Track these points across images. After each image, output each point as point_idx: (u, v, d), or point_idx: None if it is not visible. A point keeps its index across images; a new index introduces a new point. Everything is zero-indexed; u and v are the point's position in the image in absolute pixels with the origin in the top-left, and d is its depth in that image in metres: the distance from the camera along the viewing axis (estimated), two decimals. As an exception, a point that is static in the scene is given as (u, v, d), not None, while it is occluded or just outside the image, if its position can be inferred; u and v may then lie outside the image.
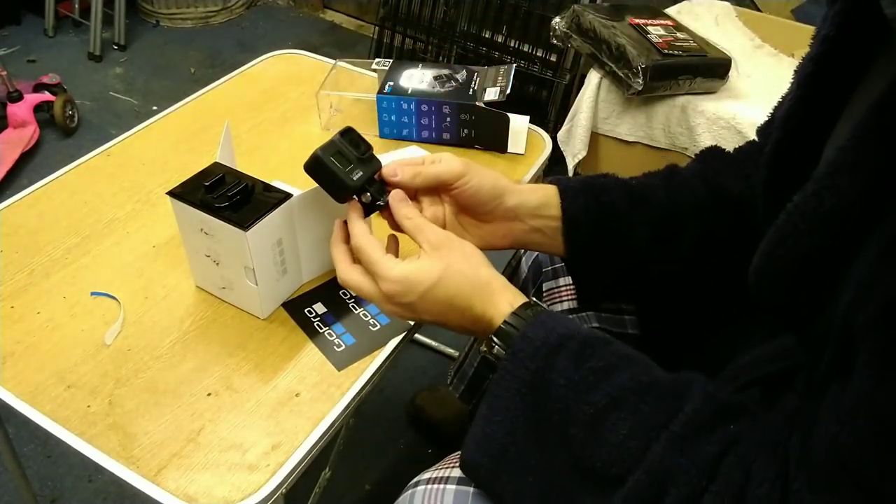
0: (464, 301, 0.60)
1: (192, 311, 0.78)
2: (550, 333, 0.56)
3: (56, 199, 0.92)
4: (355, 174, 0.65)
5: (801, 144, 0.57)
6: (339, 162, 0.65)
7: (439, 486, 0.63)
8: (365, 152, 0.66)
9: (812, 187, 0.48)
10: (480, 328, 0.61)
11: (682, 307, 0.79)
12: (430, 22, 2.23)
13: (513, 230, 0.70)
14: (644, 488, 0.49)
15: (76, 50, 2.57)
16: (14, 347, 0.73)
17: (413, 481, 0.66)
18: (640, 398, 0.52)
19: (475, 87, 1.02)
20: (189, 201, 0.71)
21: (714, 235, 0.72)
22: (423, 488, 0.64)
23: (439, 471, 0.65)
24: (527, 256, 0.93)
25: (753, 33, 1.85)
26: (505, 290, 0.61)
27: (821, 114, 0.55)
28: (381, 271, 0.60)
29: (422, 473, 0.66)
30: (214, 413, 0.68)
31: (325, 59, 1.24)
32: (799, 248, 0.49)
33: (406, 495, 0.64)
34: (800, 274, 0.50)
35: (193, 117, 1.08)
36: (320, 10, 2.95)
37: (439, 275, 0.59)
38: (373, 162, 0.67)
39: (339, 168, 0.64)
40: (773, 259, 0.52)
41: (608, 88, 1.69)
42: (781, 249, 0.50)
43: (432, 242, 0.61)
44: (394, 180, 0.66)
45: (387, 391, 1.46)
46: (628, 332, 0.84)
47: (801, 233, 0.48)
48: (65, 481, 1.27)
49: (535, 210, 0.69)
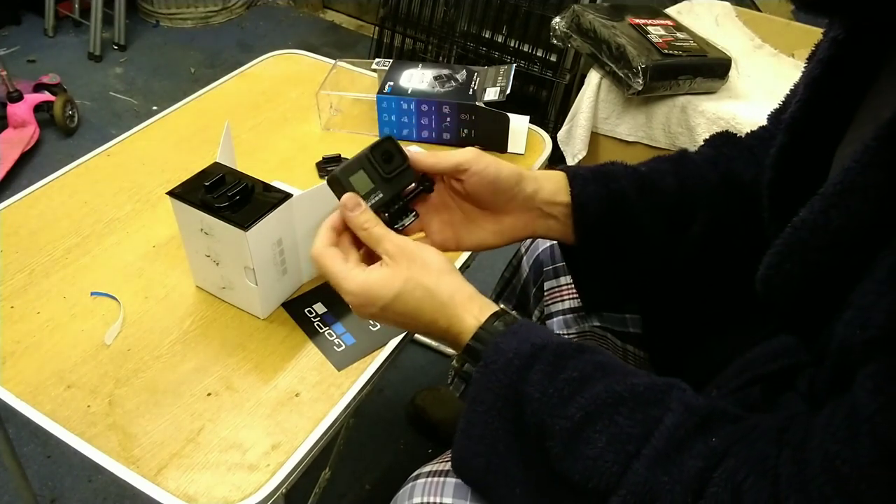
0: (427, 316, 0.57)
1: (192, 311, 0.78)
2: (523, 344, 0.54)
3: (56, 199, 0.92)
4: (373, 198, 0.62)
5: (807, 149, 0.56)
6: (358, 184, 0.61)
7: (440, 478, 0.63)
8: (395, 168, 0.63)
9: (819, 204, 0.47)
10: (450, 342, 0.59)
11: (685, 304, 0.79)
12: (430, 22, 2.23)
13: (533, 219, 0.68)
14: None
15: (76, 50, 2.57)
16: (14, 347, 0.73)
17: (413, 474, 0.66)
18: (616, 410, 0.50)
19: (475, 87, 1.02)
20: (189, 201, 0.71)
21: (726, 221, 0.70)
22: (424, 481, 0.64)
23: (440, 464, 0.65)
24: (528, 255, 0.93)
25: (753, 33, 1.85)
26: (470, 302, 0.57)
27: (829, 118, 0.54)
28: (340, 283, 0.58)
29: (422, 467, 0.66)
30: (214, 413, 0.68)
31: (325, 59, 1.24)
32: (806, 262, 0.49)
33: (406, 488, 0.64)
34: (807, 287, 0.50)
35: (193, 117, 1.08)
36: (320, 10, 2.95)
37: (399, 288, 0.57)
38: (403, 176, 0.63)
39: (354, 192, 0.61)
40: (780, 271, 0.51)
41: (608, 88, 1.69)
42: (788, 263, 0.50)
43: (390, 252, 0.58)
44: (418, 167, 0.64)
45: (387, 391, 1.46)
46: (630, 330, 0.83)
47: (809, 248, 0.48)
48: (65, 481, 1.27)
49: (552, 196, 0.67)
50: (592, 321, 0.86)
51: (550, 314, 0.90)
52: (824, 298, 0.49)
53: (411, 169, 0.64)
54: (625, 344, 0.85)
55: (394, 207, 0.63)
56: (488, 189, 0.65)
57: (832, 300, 0.48)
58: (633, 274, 0.73)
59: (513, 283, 0.97)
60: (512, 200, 0.66)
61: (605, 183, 0.68)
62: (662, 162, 0.73)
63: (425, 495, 0.62)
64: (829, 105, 0.54)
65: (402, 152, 0.63)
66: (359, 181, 0.62)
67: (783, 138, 0.58)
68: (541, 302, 0.91)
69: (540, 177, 0.68)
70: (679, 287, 0.76)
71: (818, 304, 0.50)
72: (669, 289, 0.77)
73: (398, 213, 0.64)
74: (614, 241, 0.69)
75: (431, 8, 2.22)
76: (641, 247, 0.70)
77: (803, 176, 0.55)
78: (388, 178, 0.62)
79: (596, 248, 0.70)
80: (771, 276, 0.52)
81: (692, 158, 0.73)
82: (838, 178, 0.46)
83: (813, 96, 0.55)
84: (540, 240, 0.91)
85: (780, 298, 0.54)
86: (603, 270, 0.72)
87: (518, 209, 0.67)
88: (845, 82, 0.53)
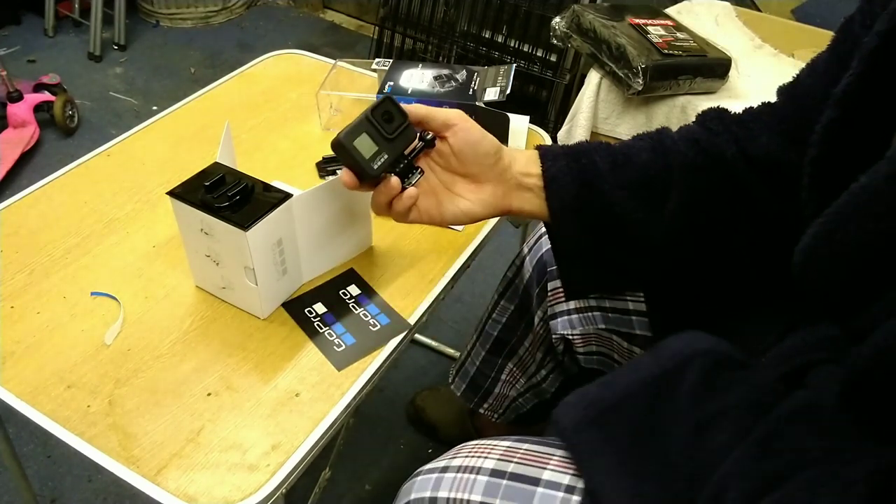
0: None
1: (192, 311, 0.78)
2: None
3: (56, 199, 0.92)
4: (379, 160, 0.63)
5: (861, 123, 0.54)
6: (362, 147, 0.63)
7: (470, 475, 0.62)
8: (397, 128, 0.64)
9: (886, 169, 0.45)
10: None
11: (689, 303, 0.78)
12: (430, 22, 2.23)
13: (510, 190, 0.70)
14: None
15: (76, 50, 2.56)
16: (14, 347, 0.73)
17: (414, 473, 0.66)
18: None
19: (475, 87, 1.02)
20: (189, 201, 0.71)
21: (700, 198, 0.69)
22: (422, 478, 0.64)
23: (440, 462, 0.65)
24: (531, 255, 0.93)
25: (753, 33, 1.85)
26: None
27: (886, 92, 0.52)
28: None
29: (421, 468, 0.66)
30: (214, 413, 0.68)
31: (325, 59, 1.24)
32: (863, 232, 0.47)
33: (432, 479, 0.64)
34: (857, 259, 0.48)
35: (193, 117, 1.08)
36: (320, 10, 2.95)
37: None
38: (405, 134, 0.65)
39: (360, 156, 0.63)
40: (831, 241, 0.49)
41: (608, 88, 1.69)
42: (841, 232, 0.48)
43: None
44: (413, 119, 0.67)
45: (387, 391, 1.45)
46: (636, 332, 0.83)
47: (868, 216, 0.46)
48: (65, 481, 1.27)
49: (525, 167, 0.70)
50: (598, 323, 0.86)
51: (554, 314, 0.89)
52: (873, 276, 0.47)
53: (412, 126, 0.66)
54: (631, 346, 0.84)
55: (399, 166, 0.65)
56: (471, 151, 0.67)
57: (881, 279, 0.46)
58: (615, 254, 0.72)
59: (515, 283, 0.97)
60: (491, 170, 0.69)
61: (576, 158, 0.69)
62: (640, 139, 0.73)
63: (453, 490, 0.61)
64: (887, 77, 0.52)
65: (402, 110, 0.65)
66: (363, 144, 0.63)
67: (833, 112, 0.56)
68: (544, 302, 0.91)
69: (515, 152, 0.71)
70: (676, 277, 0.75)
71: (865, 281, 0.48)
72: (666, 279, 0.75)
73: (404, 171, 0.66)
74: (589, 217, 0.69)
75: (431, 8, 2.22)
76: (617, 224, 0.69)
77: (854, 150, 0.53)
78: (391, 139, 0.64)
79: (572, 225, 0.70)
80: (818, 246, 0.50)
81: (670, 134, 0.72)
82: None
83: (868, 69, 0.53)
84: (544, 240, 0.91)
85: (825, 272, 0.51)
86: (582, 250, 0.72)
87: (496, 179, 0.69)
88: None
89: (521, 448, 0.62)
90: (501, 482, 0.60)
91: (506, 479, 0.60)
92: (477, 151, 0.67)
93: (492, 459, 0.61)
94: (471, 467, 0.62)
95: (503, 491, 0.59)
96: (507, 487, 0.59)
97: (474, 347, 1.06)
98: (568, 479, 0.58)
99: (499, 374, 1.04)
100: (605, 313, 0.85)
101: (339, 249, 0.83)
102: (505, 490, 0.59)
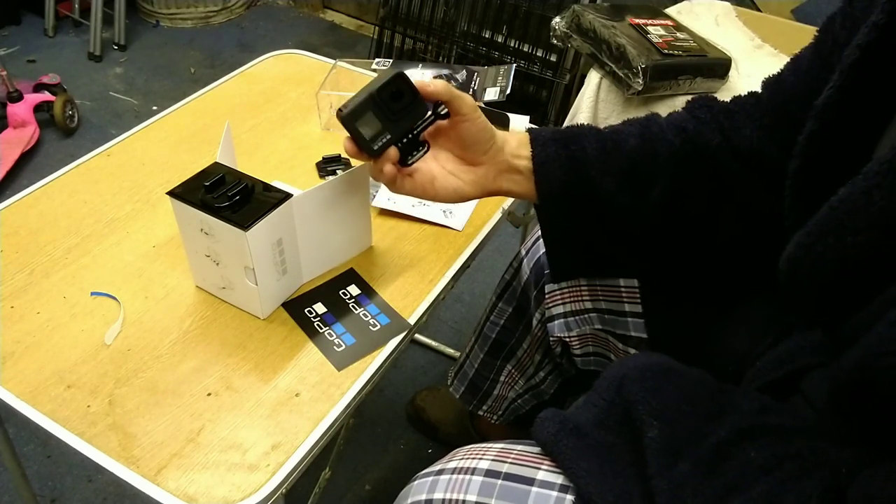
0: None
1: (192, 311, 0.78)
2: None
3: (56, 199, 0.92)
4: (381, 140, 0.63)
5: (841, 136, 0.54)
6: (366, 127, 0.63)
7: (464, 476, 0.62)
8: (405, 105, 0.64)
9: (862, 184, 0.46)
10: None
11: (683, 304, 0.78)
12: (430, 22, 2.23)
13: (501, 172, 0.71)
14: None
15: (76, 50, 2.56)
16: (14, 347, 0.73)
17: (410, 480, 0.66)
18: None
19: (475, 87, 1.02)
20: (189, 201, 0.71)
21: (686, 186, 0.70)
22: (418, 482, 0.64)
23: (435, 466, 0.65)
24: (528, 258, 0.93)
25: (753, 33, 1.85)
26: None
27: (866, 105, 0.53)
28: None
29: (417, 474, 0.66)
30: (214, 413, 0.68)
31: (325, 59, 1.24)
32: (841, 245, 0.47)
33: (427, 482, 0.64)
34: (838, 271, 0.48)
35: (193, 117, 1.08)
36: (320, 10, 2.95)
37: None
38: (414, 112, 0.65)
39: (361, 136, 0.63)
40: (811, 252, 0.50)
41: (608, 88, 1.69)
42: (821, 245, 0.49)
43: None
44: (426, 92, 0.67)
45: (387, 391, 1.45)
46: (631, 334, 0.83)
47: (846, 230, 0.46)
48: (65, 481, 1.27)
49: (516, 149, 0.71)
50: (594, 324, 0.86)
51: (551, 317, 0.89)
52: (854, 286, 0.47)
53: (424, 103, 0.65)
54: (626, 347, 0.84)
55: (403, 141, 0.65)
56: (475, 137, 0.69)
57: (863, 289, 0.46)
58: (600, 239, 0.73)
59: (513, 286, 0.97)
60: (485, 153, 0.70)
61: (565, 144, 0.70)
62: (630, 124, 0.73)
63: (449, 491, 0.61)
64: (867, 91, 0.53)
65: (413, 88, 0.64)
66: (367, 123, 0.63)
67: (813, 125, 0.56)
68: (541, 304, 0.91)
69: (507, 134, 0.72)
70: (665, 270, 0.76)
71: (847, 291, 0.48)
72: (654, 270, 0.76)
73: (409, 147, 0.66)
74: (576, 202, 0.71)
75: (431, 8, 2.22)
76: (603, 210, 0.71)
77: (836, 164, 0.53)
78: (396, 118, 0.64)
79: (558, 209, 0.72)
80: (800, 257, 0.51)
81: (658, 121, 0.73)
82: (887, 157, 0.44)
83: (849, 82, 0.53)
84: (541, 242, 0.91)
85: (807, 282, 0.52)
86: (569, 233, 0.73)
87: (489, 161, 0.71)
88: (885, 68, 0.51)
89: (515, 449, 0.62)
90: (496, 482, 0.60)
91: (501, 479, 0.60)
92: (477, 129, 0.69)
93: (486, 460, 0.62)
94: (466, 468, 0.62)
95: (498, 491, 0.59)
96: (502, 487, 0.59)
97: (473, 350, 1.06)
98: (562, 479, 0.58)
99: (497, 375, 1.04)
100: (601, 315, 0.85)
101: (339, 249, 0.83)
102: (500, 490, 0.59)
